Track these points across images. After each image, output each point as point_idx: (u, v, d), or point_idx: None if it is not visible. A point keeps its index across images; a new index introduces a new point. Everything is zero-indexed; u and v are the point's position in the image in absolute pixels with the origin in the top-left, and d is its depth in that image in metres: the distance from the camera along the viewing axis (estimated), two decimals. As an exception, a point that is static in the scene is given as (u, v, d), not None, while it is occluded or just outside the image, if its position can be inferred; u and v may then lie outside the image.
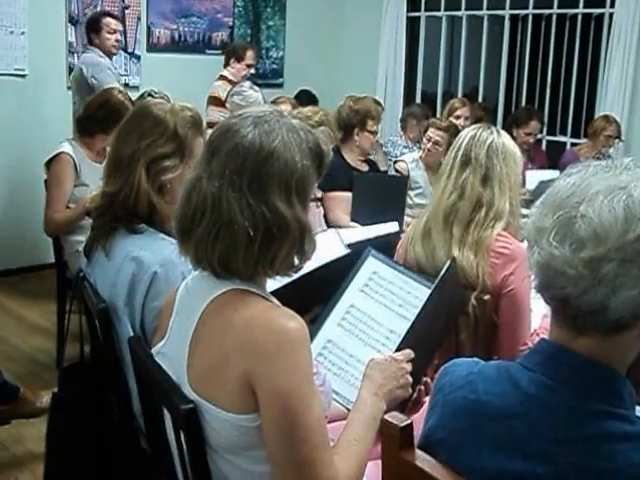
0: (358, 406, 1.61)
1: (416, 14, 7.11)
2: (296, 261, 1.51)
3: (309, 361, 1.42)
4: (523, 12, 6.58)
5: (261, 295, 1.49)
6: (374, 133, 4.46)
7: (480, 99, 6.74)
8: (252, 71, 5.89)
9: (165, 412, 1.59)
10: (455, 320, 2.22)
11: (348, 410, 1.84)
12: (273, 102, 5.00)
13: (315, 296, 2.04)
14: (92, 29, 5.22)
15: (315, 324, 1.94)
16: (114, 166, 2.09)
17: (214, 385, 1.43)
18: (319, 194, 1.50)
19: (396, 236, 3.04)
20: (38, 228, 4.11)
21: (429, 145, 4.54)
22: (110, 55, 5.24)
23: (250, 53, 5.83)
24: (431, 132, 4.57)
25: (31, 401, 3.14)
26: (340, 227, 3.84)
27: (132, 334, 1.98)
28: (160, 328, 1.64)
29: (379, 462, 1.62)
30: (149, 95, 4.67)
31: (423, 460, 1.29)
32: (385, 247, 2.33)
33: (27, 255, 5.61)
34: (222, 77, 5.71)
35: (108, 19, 5.26)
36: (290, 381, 1.37)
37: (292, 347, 1.39)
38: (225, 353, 1.42)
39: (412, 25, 7.15)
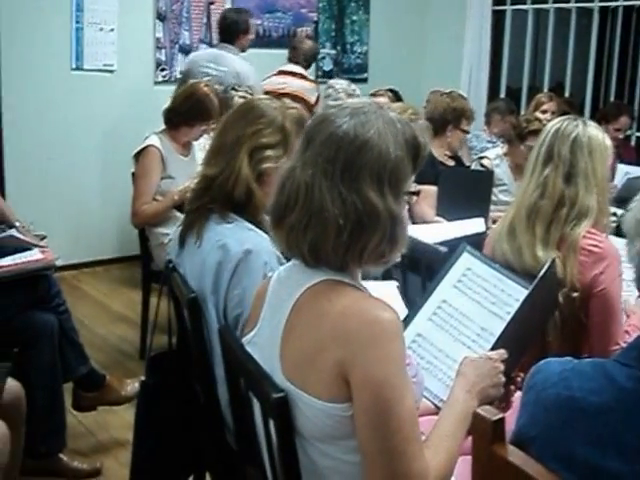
0: (450, 402, 1.59)
1: (502, 8, 6.98)
2: (387, 253, 1.49)
3: (402, 352, 1.42)
4: (613, 4, 6.38)
5: (354, 285, 1.49)
6: (466, 133, 4.50)
7: (567, 94, 6.58)
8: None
9: (254, 401, 1.60)
10: (547, 320, 2.17)
11: (434, 405, 1.83)
12: (372, 95, 5.00)
13: None
14: (244, 30, 5.29)
15: (406, 318, 1.92)
16: (216, 150, 2.13)
17: (307, 374, 1.43)
18: (416, 188, 1.48)
19: (482, 236, 3.00)
20: (122, 220, 4.20)
21: None
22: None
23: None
24: (533, 142, 4.39)
25: (116, 389, 3.20)
26: (426, 221, 3.83)
27: (216, 322, 2.02)
28: (251, 318, 1.65)
29: (466, 458, 1.60)
30: (232, 89, 4.73)
31: (515, 455, 1.27)
32: (472, 244, 2.30)
33: (111, 247, 5.76)
34: (300, 75, 5.69)
35: (252, 20, 5.43)
36: (383, 371, 1.36)
37: (386, 337, 1.38)
38: (319, 342, 1.42)
39: (497, 19, 7.02)
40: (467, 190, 3.85)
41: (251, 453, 1.72)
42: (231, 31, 5.27)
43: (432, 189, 3.95)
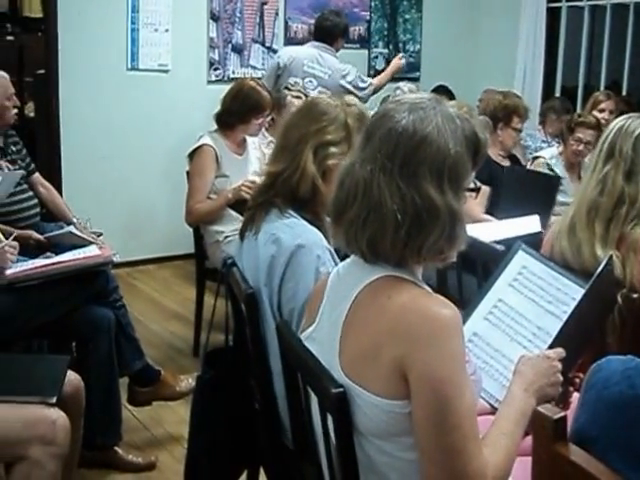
0: (508, 401, 1.57)
1: (557, 5, 6.87)
2: (445, 249, 1.49)
3: (462, 349, 1.41)
4: (674, -1, 6.24)
5: (414, 282, 1.49)
6: (517, 131, 4.40)
7: (623, 92, 6.45)
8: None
9: (312, 397, 1.61)
10: (605, 320, 2.13)
11: (490, 405, 1.82)
12: None
13: None
14: (343, 33, 5.39)
15: (463, 315, 1.91)
16: (281, 148, 2.17)
17: (366, 370, 1.43)
18: (476, 184, 1.48)
19: (538, 236, 2.97)
20: (176, 218, 4.24)
21: (581, 147, 4.36)
22: None
23: None
24: (581, 133, 4.37)
25: (171, 385, 3.24)
26: (474, 219, 3.80)
27: (270, 315, 2.05)
28: (309, 313, 1.66)
29: (523, 459, 1.58)
30: (285, 88, 4.75)
31: (578, 455, 1.24)
32: (527, 244, 2.28)
33: (165, 244, 5.83)
34: None
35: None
36: (443, 368, 1.36)
37: (446, 334, 1.38)
38: (378, 338, 1.42)
39: (552, 16, 6.92)
40: (530, 192, 3.80)
41: (307, 449, 1.73)
42: (332, 33, 5.32)
43: (485, 189, 3.91)
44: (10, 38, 7.13)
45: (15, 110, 3.80)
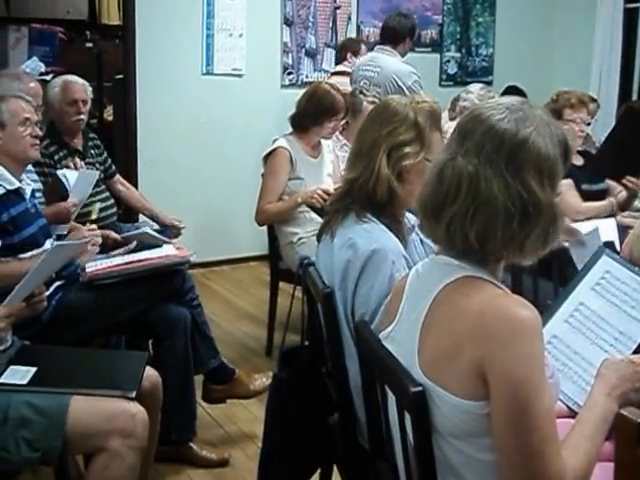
0: (589, 405, 1.55)
1: (635, 5, 6.72)
2: (547, 244, 1.50)
3: (541, 351, 1.41)
4: None
5: (493, 282, 1.49)
6: (571, 122, 4.12)
7: None
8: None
9: (389, 396, 1.61)
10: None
11: (568, 407, 1.80)
12: None
13: None
14: (410, 35, 5.33)
15: (542, 318, 1.90)
16: (356, 154, 2.18)
17: (445, 370, 1.44)
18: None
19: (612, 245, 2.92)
20: (250, 220, 4.29)
21: None
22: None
23: (364, 48, 5.81)
24: None
25: (245, 383, 3.27)
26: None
27: (343, 317, 2.06)
28: (389, 313, 1.67)
29: (603, 465, 1.56)
30: (361, 93, 4.76)
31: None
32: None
33: (238, 246, 5.92)
34: (341, 73, 5.58)
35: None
36: (523, 369, 1.36)
37: (526, 335, 1.38)
38: (457, 339, 1.42)
39: (630, 17, 6.77)
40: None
41: (383, 448, 1.73)
42: (398, 34, 5.25)
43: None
44: (89, 45, 7.32)
45: (80, 117, 3.87)
